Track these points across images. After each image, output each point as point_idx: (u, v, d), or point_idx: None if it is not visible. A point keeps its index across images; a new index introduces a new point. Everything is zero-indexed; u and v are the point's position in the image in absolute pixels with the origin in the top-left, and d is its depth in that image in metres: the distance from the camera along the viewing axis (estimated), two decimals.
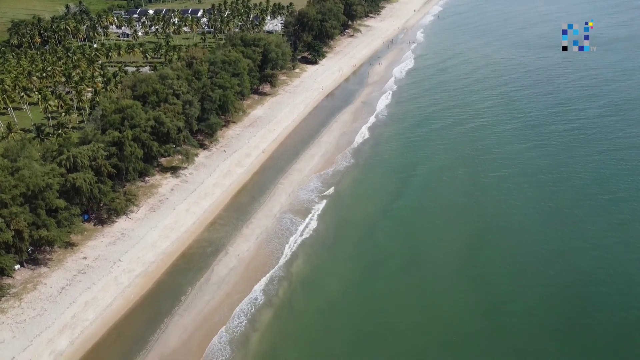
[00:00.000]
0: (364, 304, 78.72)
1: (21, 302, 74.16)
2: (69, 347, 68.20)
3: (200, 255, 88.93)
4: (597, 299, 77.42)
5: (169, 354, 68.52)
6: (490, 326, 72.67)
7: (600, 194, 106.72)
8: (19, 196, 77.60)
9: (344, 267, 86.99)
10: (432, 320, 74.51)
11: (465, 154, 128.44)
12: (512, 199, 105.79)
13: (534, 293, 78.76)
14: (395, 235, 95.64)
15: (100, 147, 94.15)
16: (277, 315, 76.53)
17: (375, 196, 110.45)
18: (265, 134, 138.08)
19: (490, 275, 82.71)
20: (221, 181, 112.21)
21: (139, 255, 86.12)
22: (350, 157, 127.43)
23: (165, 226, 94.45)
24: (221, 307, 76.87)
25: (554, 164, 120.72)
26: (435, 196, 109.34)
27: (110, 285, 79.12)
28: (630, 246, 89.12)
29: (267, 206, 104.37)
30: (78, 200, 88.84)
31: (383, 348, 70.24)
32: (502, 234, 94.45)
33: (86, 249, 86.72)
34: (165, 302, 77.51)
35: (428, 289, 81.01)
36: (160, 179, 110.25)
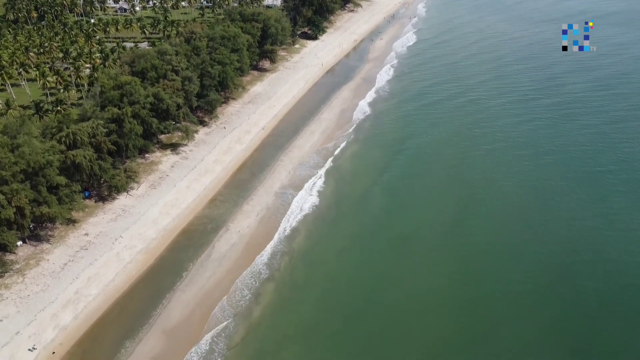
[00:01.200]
0: (362, 277, 79.78)
1: (24, 278, 74.91)
2: (72, 322, 69.14)
3: (201, 231, 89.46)
4: (578, 268, 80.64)
5: (172, 328, 69.51)
6: (478, 295, 75.33)
7: (585, 167, 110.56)
8: (19, 173, 77.69)
9: (343, 242, 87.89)
10: (426, 292, 76.33)
11: (461, 128, 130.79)
12: (502, 172, 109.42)
13: (519, 263, 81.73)
14: (393, 210, 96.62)
15: (100, 124, 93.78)
16: (277, 289, 77.46)
17: (375, 172, 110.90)
18: (265, 110, 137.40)
19: (479, 246, 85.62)
20: (221, 158, 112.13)
21: (140, 232, 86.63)
22: (350, 133, 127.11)
23: (166, 203, 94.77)
24: (222, 282, 77.68)
25: (543, 137, 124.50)
26: (432, 171, 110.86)
27: (112, 262, 79.80)
28: (609, 218, 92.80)
29: (267, 183, 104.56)
30: (78, 177, 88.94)
31: (380, 321, 71.39)
32: (492, 206, 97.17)
33: (87, 225, 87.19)
34: (167, 278, 78.30)
35: (423, 262, 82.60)
36: (160, 156, 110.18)
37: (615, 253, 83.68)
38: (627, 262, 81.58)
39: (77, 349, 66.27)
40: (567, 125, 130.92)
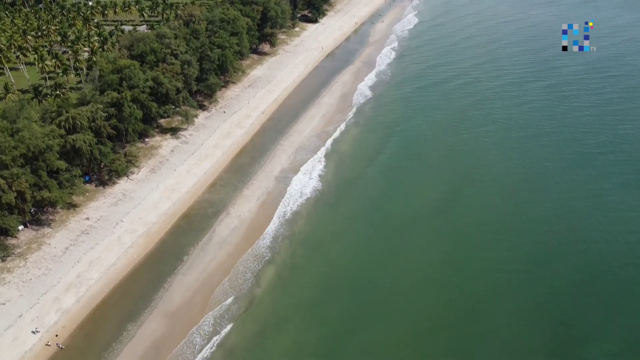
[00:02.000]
0: (362, 261, 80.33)
1: (26, 262, 75.33)
2: (75, 305, 69.72)
3: (202, 215, 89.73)
4: (566, 248, 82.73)
5: (173, 311, 70.12)
6: (470, 274, 76.93)
7: (575, 149, 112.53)
8: (19, 157, 77.67)
9: (342, 225, 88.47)
10: (420, 272, 77.36)
11: (460, 110, 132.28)
12: (497, 154, 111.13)
13: (509, 243, 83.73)
14: (392, 193, 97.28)
15: (99, 108, 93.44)
16: (278, 271, 78.09)
17: (374, 155, 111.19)
18: (265, 94, 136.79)
19: (472, 227, 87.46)
20: (221, 142, 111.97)
21: (141, 216, 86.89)
22: (350, 117, 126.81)
23: (167, 187, 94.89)
24: (223, 265, 78.17)
25: (538, 119, 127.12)
26: (431, 153, 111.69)
27: (114, 246, 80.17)
28: (599, 200, 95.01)
29: (267, 167, 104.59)
30: (78, 161, 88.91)
31: (380, 305, 71.98)
32: (486, 188, 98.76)
33: (88, 209, 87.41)
34: (168, 262, 78.75)
35: (419, 244, 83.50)
36: (160, 140, 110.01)
37: (603, 234, 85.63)
38: (615, 242, 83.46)
39: (80, 332, 66.92)
40: (561, 107, 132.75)
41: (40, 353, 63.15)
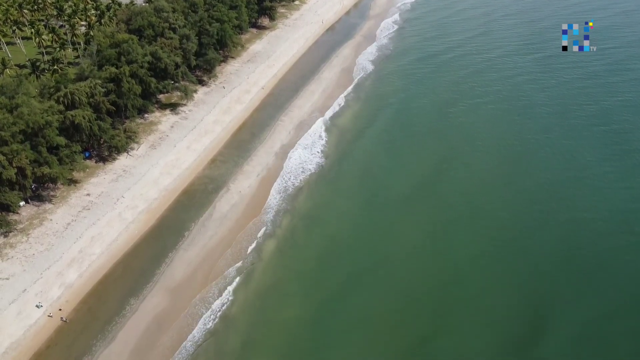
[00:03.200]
0: (361, 238, 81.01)
1: (28, 238, 75.87)
2: (77, 280, 70.49)
3: (202, 191, 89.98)
4: (545, 220, 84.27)
5: (175, 286, 70.98)
6: (462, 252, 77.72)
7: (560, 121, 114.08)
8: (18, 134, 77.48)
9: (342, 201, 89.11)
10: (424, 251, 77.95)
11: (462, 84, 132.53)
12: (495, 126, 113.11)
13: (493, 216, 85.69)
14: (391, 168, 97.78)
15: (98, 83, 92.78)
16: (279, 247, 78.82)
17: (374, 130, 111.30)
18: (265, 69, 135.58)
19: (463, 199, 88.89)
20: (221, 118, 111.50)
21: (142, 192, 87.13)
22: (350, 92, 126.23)
23: (167, 163, 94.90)
24: (224, 241, 78.81)
25: (528, 91, 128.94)
26: (430, 128, 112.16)
27: (115, 221, 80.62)
28: (580, 172, 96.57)
29: (267, 143, 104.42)
30: (78, 137, 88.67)
31: (376, 276, 73.15)
32: (478, 160, 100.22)
33: (89, 185, 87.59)
34: (169, 238, 79.30)
35: (422, 222, 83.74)
36: (159, 116, 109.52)
37: (585, 206, 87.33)
38: (596, 214, 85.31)
39: (83, 306, 67.85)
40: (551, 80, 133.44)
41: (45, 326, 64.14)
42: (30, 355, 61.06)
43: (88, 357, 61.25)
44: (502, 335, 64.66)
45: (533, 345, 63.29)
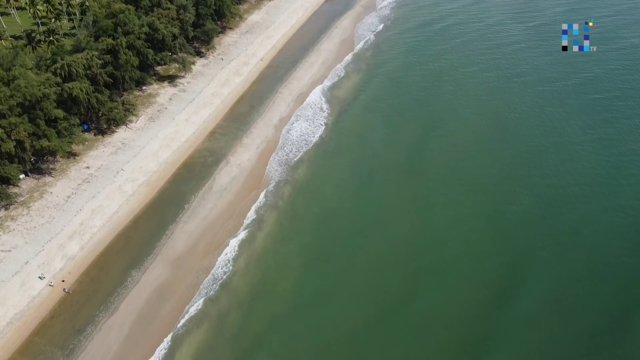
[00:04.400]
0: (360, 210, 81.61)
1: (29, 210, 76.21)
2: (79, 252, 71.16)
3: (202, 164, 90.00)
4: (523, 186, 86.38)
5: (176, 258, 71.72)
6: (468, 224, 78.72)
7: (541, 87, 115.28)
8: (16, 106, 77.00)
9: (341, 173, 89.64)
10: (422, 221, 78.99)
11: (462, 53, 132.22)
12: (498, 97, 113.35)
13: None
14: (390, 140, 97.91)
15: (95, 55, 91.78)
16: (279, 220, 79.40)
17: (374, 101, 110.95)
18: (263, 40, 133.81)
19: (453, 169, 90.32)
20: (219, 90, 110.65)
21: (141, 165, 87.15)
22: (350, 63, 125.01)
23: (166, 136, 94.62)
24: (224, 214, 79.30)
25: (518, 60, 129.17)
26: (429, 100, 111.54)
27: (115, 194, 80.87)
28: (560, 140, 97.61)
29: (266, 116, 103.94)
30: (76, 110, 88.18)
31: (378, 253, 73.80)
32: (470, 131, 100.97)
33: (88, 158, 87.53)
34: (170, 210, 79.71)
35: (420, 193, 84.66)
36: (157, 88, 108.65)
37: (560, 173, 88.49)
38: (571, 179, 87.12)
39: (86, 278, 68.69)
40: (532, 51, 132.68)
41: (48, 297, 65.07)
42: (34, 325, 62.14)
43: (91, 327, 62.32)
44: (477, 296, 66.97)
45: (506, 305, 65.96)
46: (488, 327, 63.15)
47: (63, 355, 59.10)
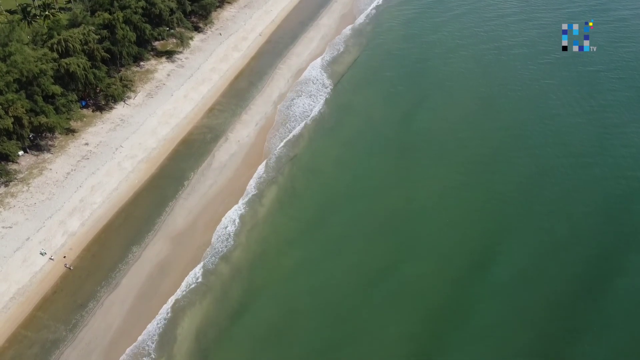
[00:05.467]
0: (361, 188, 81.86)
1: (29, 187, 76.33)
2: (80, 228, 71.54)
3: (201, 141, 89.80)
4: (507, 160, 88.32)
5: (176, 234, 72.20)
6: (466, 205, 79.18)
7: (523, 54, 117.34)
8: (13, 83, 76.42)
9: (341, 150, 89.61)
10: (423, 197, 79.66)
11: (466, 28, 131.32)
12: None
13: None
14: (390, 117, 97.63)
15: (91, 30, 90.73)
16: (278, 196, 79.79)
17: (374, 78, 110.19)
18: (262, 15, 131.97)
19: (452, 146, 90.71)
20: (218, 66, 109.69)
21: (140, 142, 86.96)
22: (350, 38, 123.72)
23: (164, 112, 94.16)
24: (224, 190, 79.59)
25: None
26: (432, 74, 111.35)
27: (114, 171, 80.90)
28: (542, 110, 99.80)
29: (265, 92, 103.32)
30: (74, 86, 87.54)
31: (379, 226, 74.57)
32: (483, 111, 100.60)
33: (87, 135, 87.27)
34: (169, 187, 79.85)
35: (421, 170, 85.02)
36: (155, 64, 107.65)
37: (543, 146, 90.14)
38: (554, 155, 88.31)
39: (87, 254, 69.19)
40: (518, 25, 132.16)
41: (50, 273, 65.67)
42: (37, 300, 62.81)
43: (93, 302, 63.07)
44: (458, 264, 68.86)
45: (483, 274, 67.94)
46: (466, 293, 65.30)
47: (66, 330, 59.92)
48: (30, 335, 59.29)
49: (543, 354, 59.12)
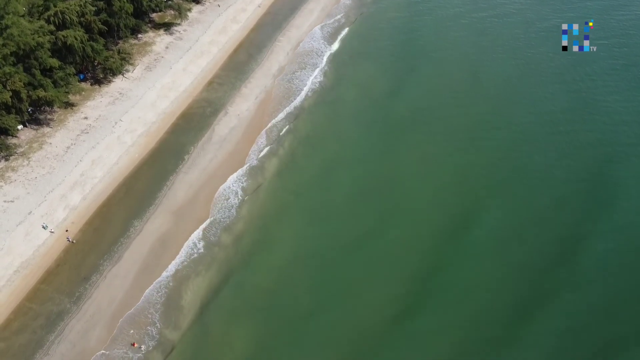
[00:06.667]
0: (362, 161, 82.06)
1: (29, 161, 76.34)
2: (81, 202, 71.87)
3: (201, 115, 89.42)
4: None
5: (177, 208, 72.62)
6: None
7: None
8: (10, 56, 75.64)
9: (342, 123, 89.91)
10: (425, 170, 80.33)
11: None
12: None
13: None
14: (391, 90, 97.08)
15: (88, 2, 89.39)
16: (279, 171, 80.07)
17: (374, 50, 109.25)
18: None
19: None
20: (217, 38, 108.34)
21: (140, 115, 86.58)
22: (352, 9, 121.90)
23: (163, 86, 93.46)
24: (224, 164, 79.72)
25: None
26: (433, 49, 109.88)
27: (114, 145, 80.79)
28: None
29: (265, 65, 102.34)
30: (71, 59, 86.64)
31: (381, 202, 74.99)
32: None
33: (86, 109, 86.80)
34: (170, 161, 79.88)
35: (423, 143, 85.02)
36: (153, 36, 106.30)
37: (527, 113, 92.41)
38: (534, 120, 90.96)
39: (89, 227, 69.70)
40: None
41: (53, 246, 66.30)
42: (41, 273, 63.57)
43: (96, 275, 63.84)
44: (442, 226, 71.28)
45: (463, 237, 70.14)
46: (448, 256, 67.63)
47: (70, 302, 60.84)
48: (35, 307, 60.20)
49: (520, 314, 61.34)
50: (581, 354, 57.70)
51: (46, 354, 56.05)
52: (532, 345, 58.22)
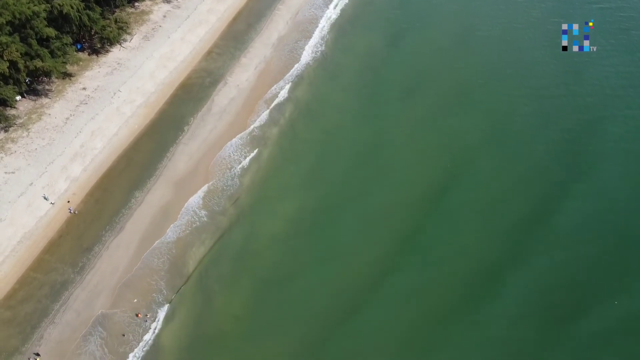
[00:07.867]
0: (362, 133, 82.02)
1: (29, 133, 76.11)
2: (82, 174, 72.00)
3: (200, 85, 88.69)
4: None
5: (178, 179, 72.87)
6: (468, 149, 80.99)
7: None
8: (5, 25, 74.50)
9: (342, 94, 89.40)
10: (424, 139, 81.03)
11: None
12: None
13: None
14: (396, 65, 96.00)
15: None
16: (279, 142, 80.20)
17: (377, 20, 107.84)
18: None
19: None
20: (215, 7, 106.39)
21: (138, 86, 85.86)
22: None
23: (162, 55, 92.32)
24: (224, 136, 79.63)
25: None
26: (438, 20, 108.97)
27: (114, 116, 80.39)
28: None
29: (264, 34, 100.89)
30: (68, 28, 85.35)
31: (371, 167, 76.39)
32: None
33: (84, 79, 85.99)
34: (169, 132, 79.68)
35: (423, 115, 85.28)
36: (150, 5, 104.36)
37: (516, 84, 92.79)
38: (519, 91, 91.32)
39: (90, 199, 70.03)
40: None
41: (55, 217, 66.76)
42: (44, 244, 64.22)
43: (99, 245, 64.51)
44: (422, 191, 73.61)
45: (444, 201, 72.40)
46: (431, 215, 70.33)
47: (74, 272, 61.66)
48: (39, 277, 61.07)
49: (495, 274, 63.85)
50: (550, 312, 60.34)
51: (52, 322, 57.18)
52: (504, 303, 60.85)
